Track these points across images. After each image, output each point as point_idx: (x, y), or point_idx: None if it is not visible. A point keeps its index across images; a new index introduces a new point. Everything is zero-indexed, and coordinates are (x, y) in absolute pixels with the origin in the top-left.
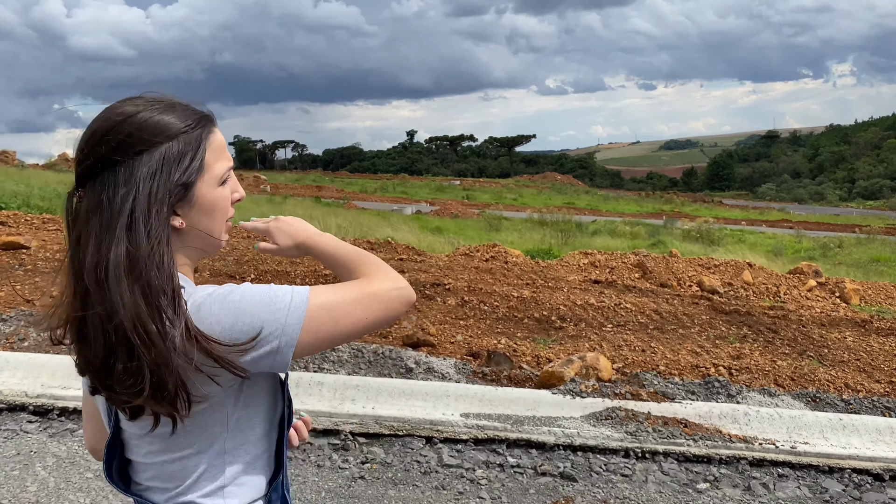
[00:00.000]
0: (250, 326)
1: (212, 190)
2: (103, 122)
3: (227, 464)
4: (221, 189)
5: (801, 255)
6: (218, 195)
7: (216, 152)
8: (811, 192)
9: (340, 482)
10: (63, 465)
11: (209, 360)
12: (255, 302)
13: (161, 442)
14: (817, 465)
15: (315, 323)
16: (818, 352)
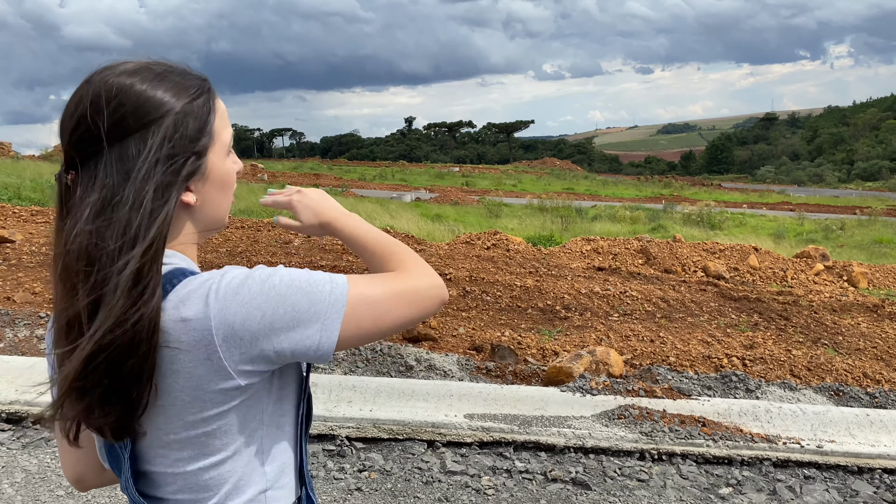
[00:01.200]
0: (292, 317)
1: (223, 161)
2: (96, 94)
3: (265, 464)
4: (230, 160)
5: (803, 238)
6: (229, 166)
7: (223, 119)
8: (810, 175)
9: (336, 495)
10: (32, 482)
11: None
12: (295, 289)
13: (194, 447)
14: (846, 466)
15: (357, 318)
16: (832, 339)
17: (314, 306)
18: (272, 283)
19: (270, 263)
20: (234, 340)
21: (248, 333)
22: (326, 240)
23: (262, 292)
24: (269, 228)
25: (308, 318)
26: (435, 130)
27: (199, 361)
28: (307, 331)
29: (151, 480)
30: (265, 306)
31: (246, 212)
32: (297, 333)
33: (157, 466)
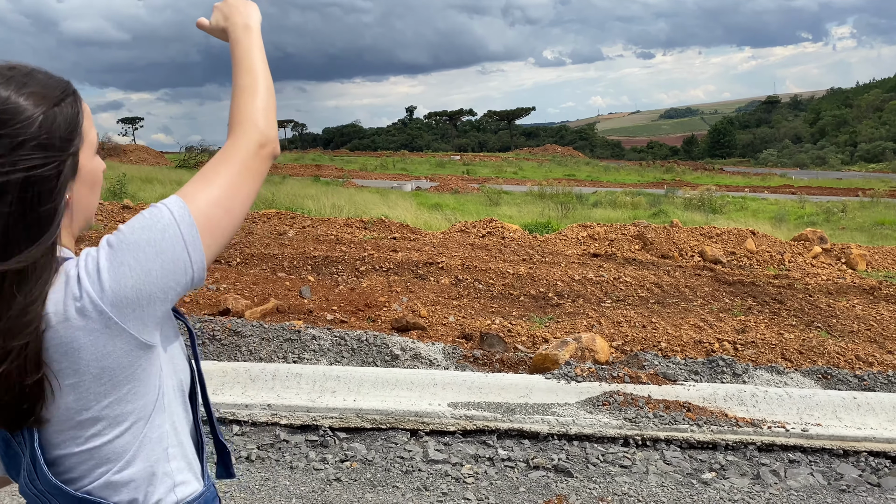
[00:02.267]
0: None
1: (91, 160)
2: None
3: (166, 422)
4: (97, 159)
5: (804, 221)
6: (96, 165)
7: (88, 120)
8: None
9: (314, 486)
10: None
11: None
12: (146, 238)
13: (106, 418)
14: (831, 449)
15: (211, 225)
16: (826, 322)
17: (172, 244)
18: (130, 241)
19: (262, 254)
20: (125, 304)
21: (131, 292)
22: (320, 231)
23: (129, 253)
24: (264, 220)
25: (174, 258)
26: (436, 119)
27: (98, 333)
28: (178, 265)
29: (61, 465)
30: (136, 266)
31: None
32: (170, 272)
33: (68, 449)
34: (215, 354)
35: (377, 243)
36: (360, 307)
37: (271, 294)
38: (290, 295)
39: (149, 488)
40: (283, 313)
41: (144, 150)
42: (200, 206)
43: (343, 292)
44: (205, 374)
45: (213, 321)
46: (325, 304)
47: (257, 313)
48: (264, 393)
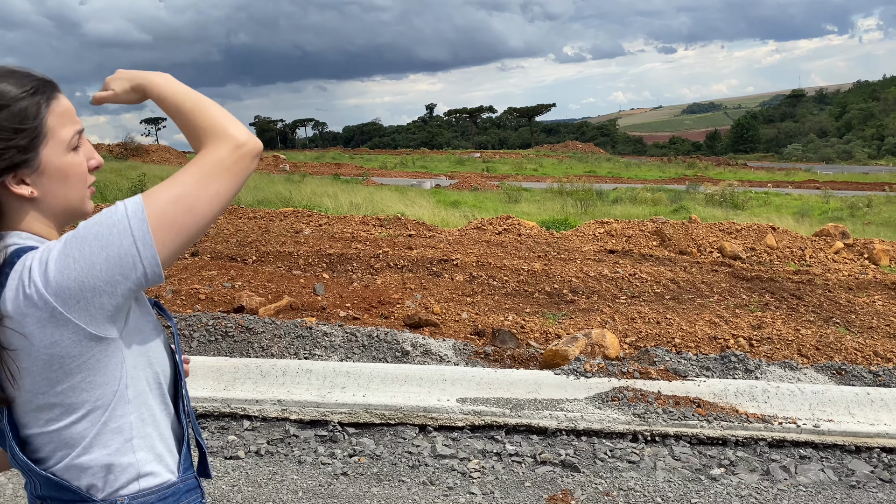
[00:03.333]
0: (105, 258)
1: (60, 156)
2: None
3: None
4: (73, 156)
5: (828, 217)
6: (69, 162)
7: (60, 118)
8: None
9: (321, 480)
10: None
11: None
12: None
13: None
14: (843, 445)
15: (167, 222)
16: (845, 318)
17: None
18: (80, 235)
19: (278, 252)
20: (68, 295)
21: (74, 283)
22: (336, 229)
23: (75, 246)
24: (281, 219)
25: (120, 253)
26: (456, 117)
27: (45, 322)
28: (124, 260)
29: (31, 444)
30: (80, 258)
31: (263, 202)
32: (115, 265)
33: (32, 429)
34: (227, 351)
35: (393, 241)
36: (374, 304)
37: (286, 291)
38: (304, 292)
39: (108, 476)
40: (296, 310)
41: (167, 149)
42: (159, 203)
43: (357, 289)
44: (217, 369)
45: (226, 318)
46: (339, 302)
47: (271, 310)
48: (275, 388)
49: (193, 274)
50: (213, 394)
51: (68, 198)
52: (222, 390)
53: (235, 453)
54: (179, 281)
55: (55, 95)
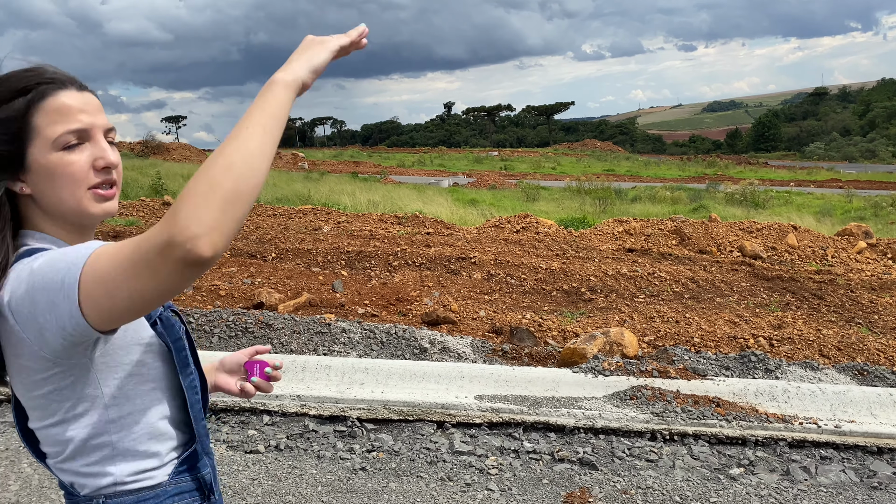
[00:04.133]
0: (46, 299)
1: (45, 155)
2: None
3: (113, 432)
4: (61, 155)
5: (850, 216)
6: (55, 160)
7: (49, 116)
8: (862, 150)
9: (340, 474)
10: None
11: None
12: (43, 275)
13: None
14: (864, 446)
15: (92, 296)
16: (867, 318)
17: (55, 289)
18: (35, 267)
19: (297, 249)
20: (20, 316)
21: (25, 311)
22: (355, 226)
23: (29, 277)
24: (300, 216)
25: (51, 296)
26: (474, 115)
27: (10, 331)
28: (58, 311)
29: (34, 436)
30: (30, 290)
31: (282, 200)
32: (51, 308)
33: (31, 423)
34: (247, 346)
35: (411, 238)
36: (392, 301)
37: (304, 288)
38: (322, 289)
39: (84, 480)
40: (315, 307)
41: (187, 148)
42: (96, 270)
43: (375, 287)
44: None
45: (246, 314)
46: (357, 299)
47: (290, 307)
48: (294, 384)
49: (213, 270)
50: None
51: (60, 198)
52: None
53: (255, 448)
54: (200, 278)
55: (51, 93)
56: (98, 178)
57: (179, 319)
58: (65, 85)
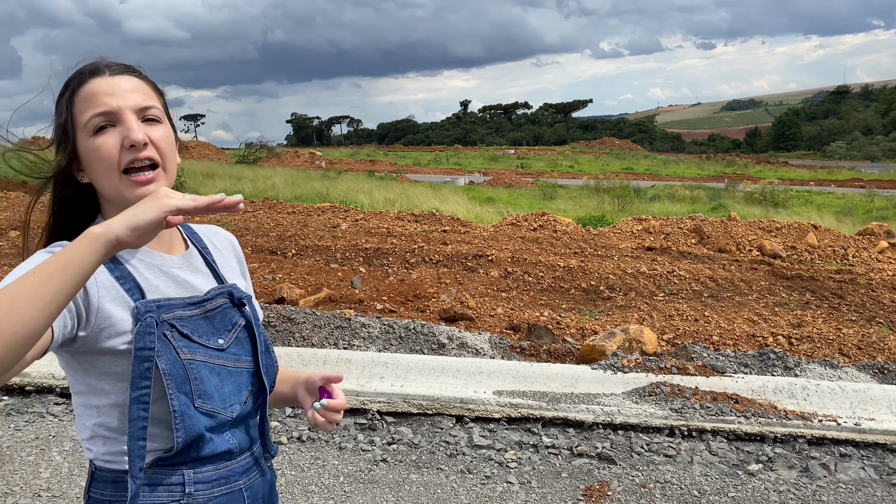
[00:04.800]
0: None
1: (84, 142)
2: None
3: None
4: (94, 139)
5: (872, 216)
6: (90, 145)
7: (82, 104)
8: (885, 149)
9: (362, 465)
10: (79, 450)
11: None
12: None
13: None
14: (884, 444)
15: None
16: (889, 318)
17: None
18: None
19: (317, 246)
20: None
21: None
22: (372, 224)
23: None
24: (318, 214)
25: None
26: (490, 113)
27: None
28: None
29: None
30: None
31: (301, 198)
32: None
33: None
34: (270, 340)
35: (427, 236)
36: (410, 297)
37: (324, 284)
38: (341, 285)
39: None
40: (334, 302)
41: (206, 146)
42: None
43: (393, 283)
44: None
45: (269, 308)
46: (376, 294)
47: (310, 302)
48: None
49: None
50: None
51: (101, 184)
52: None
53: (279, 439)
54: None
55: (85, 81)
56: (128, 156)
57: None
58: (96, 73)
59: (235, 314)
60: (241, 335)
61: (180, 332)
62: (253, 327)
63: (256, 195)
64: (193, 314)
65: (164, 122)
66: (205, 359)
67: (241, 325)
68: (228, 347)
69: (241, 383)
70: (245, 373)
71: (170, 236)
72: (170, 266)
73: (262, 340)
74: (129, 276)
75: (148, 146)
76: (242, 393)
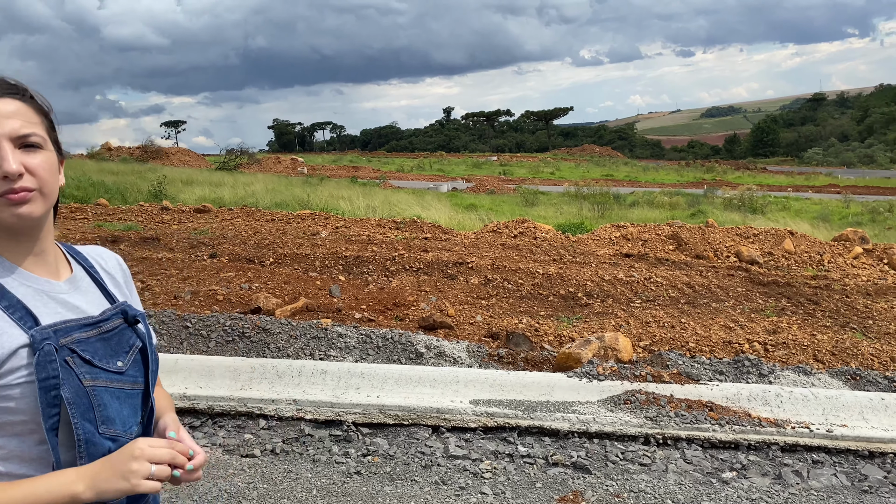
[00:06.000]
0: None
1: None
2: None
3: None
4: None
5: (848, 221)
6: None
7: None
8: (860, 156)
9: (335, 478)
10: None
11: None
12: None
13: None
14: (856, 450)
15: None
16: (862, 323)
17: None
18: None
19: (295, 254)
20: None
21: None
22: (353, 231)
23: None
24: (298, 221)
25: None
26: (473, 120)
27: None
28: None
29: None
30: None
31: (281, 205)
32: None
33: None
34: (244, 351)
35: (408, 243)
36: (389, 306)
37: (302, 293)
38: (320, 294)
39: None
40: (312, 312)
41: (186, 152)
42: None
43: (372, 291)
44: (234, 369)
45: (244, 319)
46: (355, 303)
47: (287, 311)
48: (290, 389)
49: (212, 275)
50: (230, 393)
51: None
52: (239, 390)
53: (251, 451)
54: (198, 282)
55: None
56: (2, 186)
57: (140, 339)
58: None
59: (132, 335)
60: (137, 357)
61: (81, 358)
62: (147, 347)
63: (236, 202)
64: (90, 336)
65: (45, 148)
66: (106, 383)
67: (137, 346)
68: (127, 370)
69: (137, 404)
70: (139, 394)
71: (55, 258)
72: (57, 292)
73: (153, 360)
74: (19, 304)
75: (24, 176)
76: (138, 413)
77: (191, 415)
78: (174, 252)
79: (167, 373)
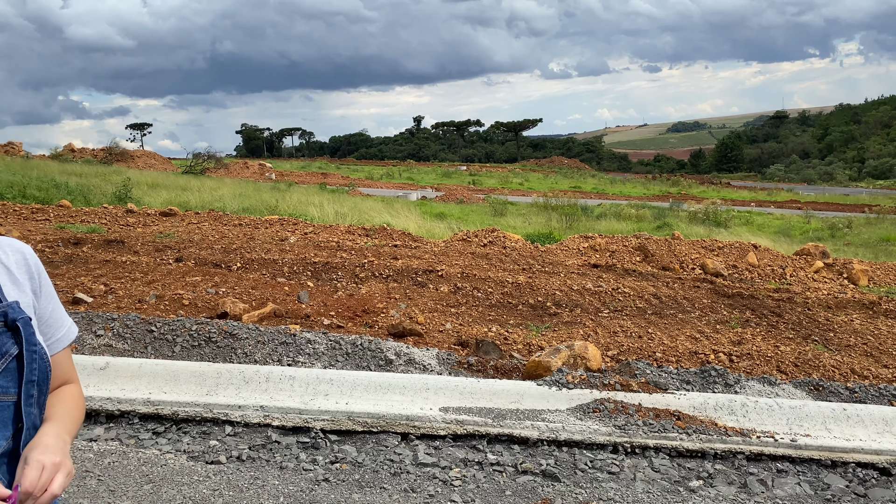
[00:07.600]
0: None
1: None
2: None
3: None
4: None
5: (809, 236)
6: None
7: None
8: (820, 173)
9: (303, 486)
10: None
11: None
12: None
13: None
14: (819, 459)
15: None
16: (823, 336)
17: None
18: None
19: (263, 259)
20: None
21: None
22: (322, 237)
23: None
24: (266, 226)
25: None
26: (443, 129)
27: None
28: None
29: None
30: None
31: (249, 210)
32: None
33: None
34: (211, 356)
35: (378, 250)
36: (358, 313)
37: (270, 298)
38: (288, 300)
39: None
40: (280, 317)
41: (152, 155)
42: None
43: (341, 298)
44: (199, 374)
45: (210, 324)
46: (323, 310)
47: (255, 317)
48: (258, 395)
49: (177, 279)
50: (196, 399)
51: None
52: (205, 395)
53: (217, 458)
54: (163, 286)
55: None
56: None
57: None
58: None
59: (8, 341)
60: (11, 365)
61: None
62: (24, 355)
63: (203, 206)
64: None
65: None
66: None
67: (11, 353)
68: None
69: (7, 418)
70: (12, 406)
71: None
72: None
73: (31, 369)
74: None
75: None
76: (9, 427)
77: (154, 420)
78: (139, 255)
79: (130, 377)
